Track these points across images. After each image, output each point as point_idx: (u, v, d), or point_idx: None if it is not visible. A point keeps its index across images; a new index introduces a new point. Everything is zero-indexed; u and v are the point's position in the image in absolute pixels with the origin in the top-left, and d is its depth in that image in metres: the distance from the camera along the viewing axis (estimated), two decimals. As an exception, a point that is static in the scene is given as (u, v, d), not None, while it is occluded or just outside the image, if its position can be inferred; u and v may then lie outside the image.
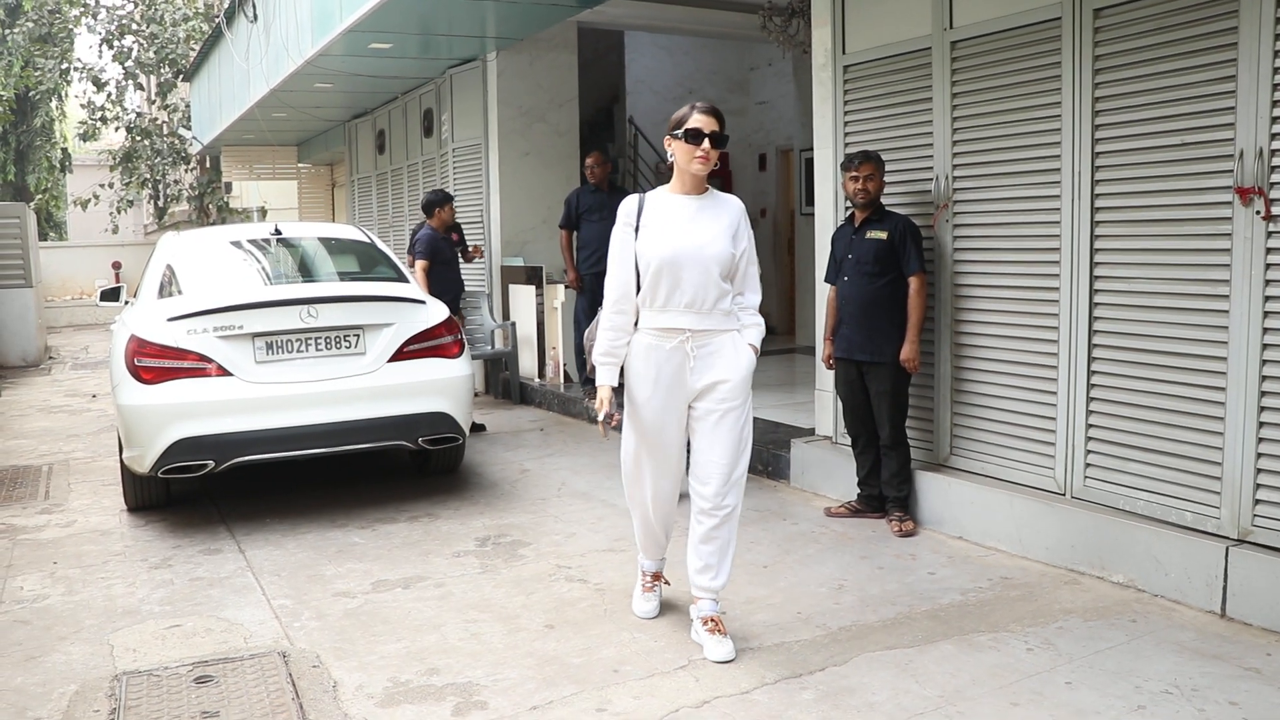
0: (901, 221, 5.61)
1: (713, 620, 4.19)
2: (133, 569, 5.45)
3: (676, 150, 4.09)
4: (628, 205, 4.17)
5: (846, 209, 6.26)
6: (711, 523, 4.16)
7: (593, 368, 4.34)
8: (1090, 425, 5.02)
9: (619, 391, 4.25)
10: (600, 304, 4.31)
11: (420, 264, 8.66)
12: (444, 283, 8.66)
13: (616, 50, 13.90)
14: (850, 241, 5.75)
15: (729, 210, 4.16)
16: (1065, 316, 5.08)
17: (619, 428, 4.34)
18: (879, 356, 5.64)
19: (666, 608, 4.60)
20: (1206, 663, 3.96)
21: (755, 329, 4.24)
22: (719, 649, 4.10)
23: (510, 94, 10.87)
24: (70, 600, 5.00)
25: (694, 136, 4.01)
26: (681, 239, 4.04)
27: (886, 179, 5.82)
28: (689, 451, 4.28)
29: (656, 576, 4.55)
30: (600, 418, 4.19)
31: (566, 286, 9.72)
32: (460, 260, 9.26)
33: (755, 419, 5.83)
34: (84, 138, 24.60)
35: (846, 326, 5.76)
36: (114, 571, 5.41)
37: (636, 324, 4.17)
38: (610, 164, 9.42)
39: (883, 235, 5.60)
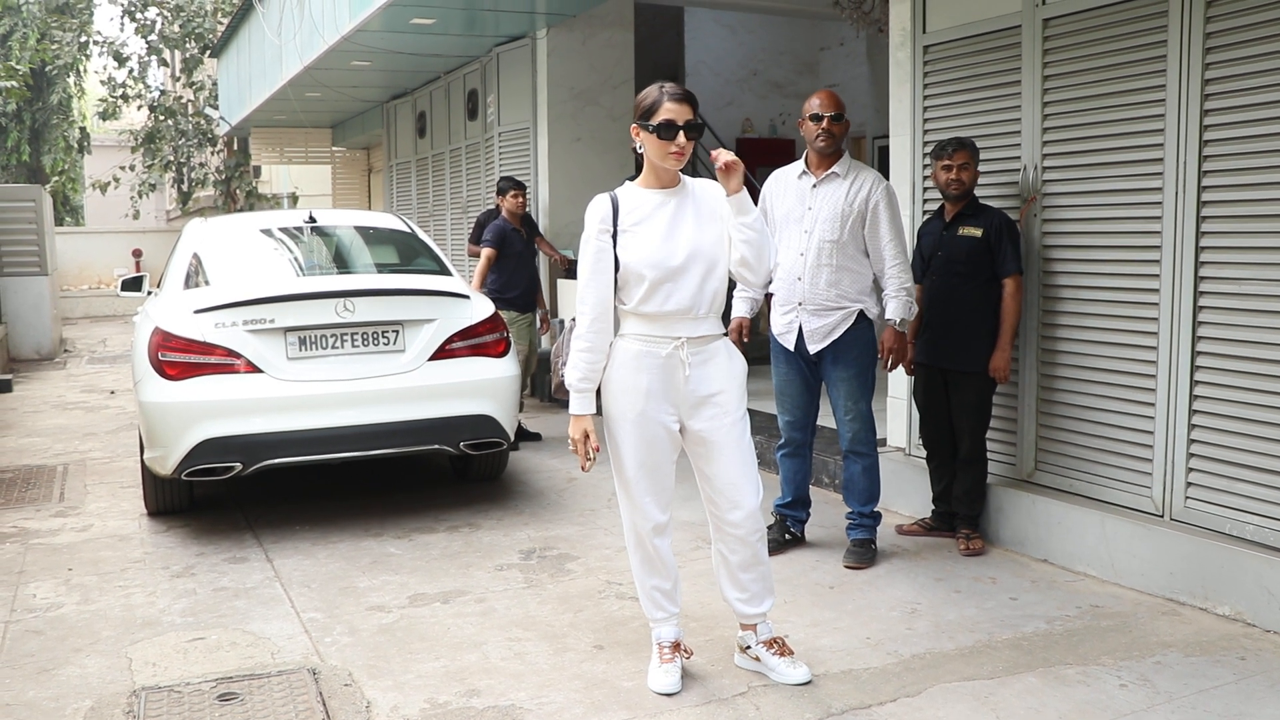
0: (997, 217, 5.55)
1: (777, 642, 4.19)
2: (153, 577, 5.53)
3: (647, 144, 3.92)
4: (600, 209, 3.98)
5: (925, 203, 6.24)
6: (750, 550, 4.12)
7: (558, 386, 4.22)
8: (1193, 440, 4.96)
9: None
10: None
11: (487, 252, 8.68)
12: (510, 278, 8.70)
13: (675, 28, 13.92)
14: (940, 238, 5.68)
15: (712, 198, 4.02)
16: (1166, 320, 5.02)
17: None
18: (969, 365, 5.59)
19: (717, 644, 4.60)
20: (1323, 706, 3.91)
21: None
22: (796, 671, 4.11)
23: (561, 75, 10.92)
24: (86, 610, 5.08)
25: (668, 130, 3.85)
26: (676, 240, 3.92)
27: (970, 169, 5.80)
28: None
29: (676, 647, 4.21)
30: (590, 456, 4.00)
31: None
32: (534, 256, 9.19)
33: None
34: (103, 116, 25.00)
35: (933, 331, 5.71)
36: (133, 580, 5.50)
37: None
38: None
39: (977, 233, 5.53)
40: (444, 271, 7.15)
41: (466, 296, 6.66)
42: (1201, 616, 4.74)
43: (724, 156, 3.86)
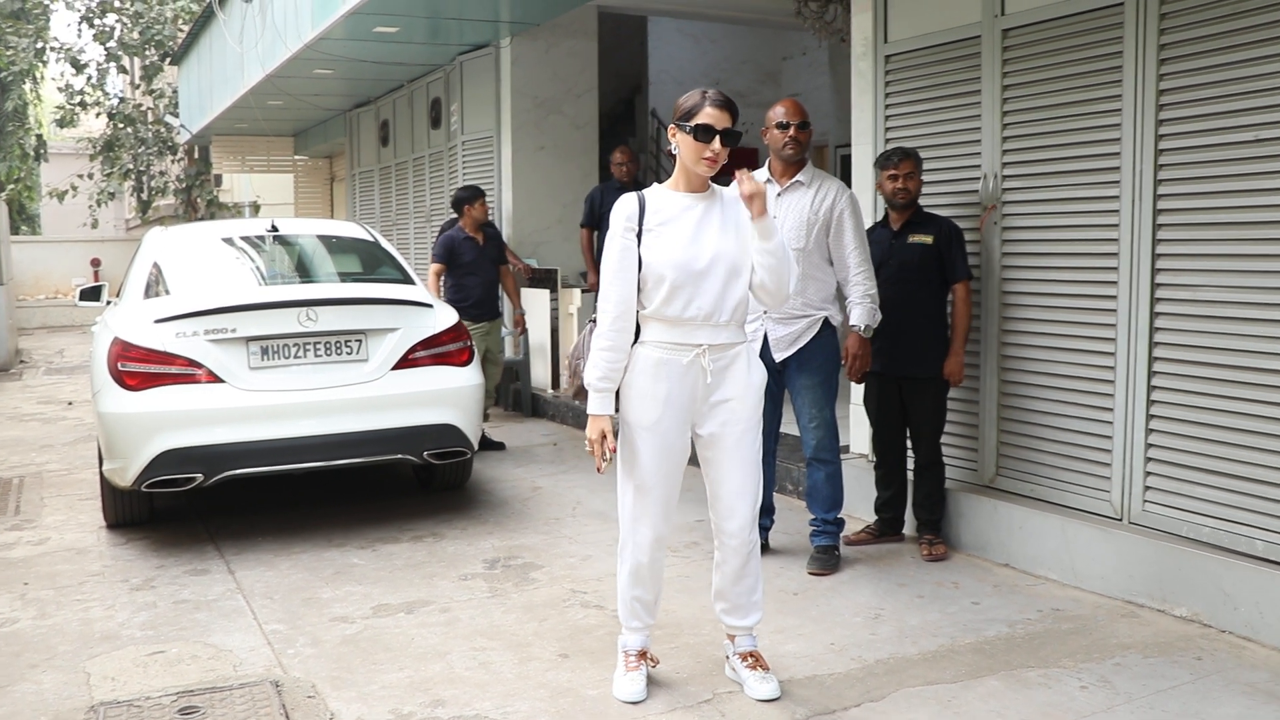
0: (946, 225, 5.62)
1: (753, 655, 4.19)
2: (112, 590, 5.48)
3: (682, 144, 3.93)
4: (626, 207, 3.97)
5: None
6: (740, 560, 4.12)
7: (578, 390, 4.21)
8: (1150, 445, 5.02)
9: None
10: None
11: (433, 267, 8.69)
12: (463, 288, 8.66)
13: (639, 37, 13.97)
14: (890, 246, 5.72)
15: (739, 207, 4.00)
16: (1123, 327, 5.09)
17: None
18: (924, 371, 5.64)
19: (683, 650, 4.62)
20: None
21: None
22: (763, 686, 4.08)
23: (525, 83, 10.94)
24: (42, 624, 5.03)
25: (704, 134, 3.85)
26: (701, 244, 3.92)
27: (932, 178, 5.85)
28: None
29: (642, 655, 4.22)
30: (606, 456, 3.98)
31: (584, 290, 9.73)
32: (495, 263, 9.01)
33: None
34: (61, 124, 24.77)
35: (885, 339, 5.69)
36: (91, 593, 5.45)
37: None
38: (639, 161, 9.38)
39: (928, 240, 5.59)
40: (407, 280, 7.13)
41: (430, 305, 6.66)
42: (1160, 618, 4.80)
43: (746, 186, 3.86)
